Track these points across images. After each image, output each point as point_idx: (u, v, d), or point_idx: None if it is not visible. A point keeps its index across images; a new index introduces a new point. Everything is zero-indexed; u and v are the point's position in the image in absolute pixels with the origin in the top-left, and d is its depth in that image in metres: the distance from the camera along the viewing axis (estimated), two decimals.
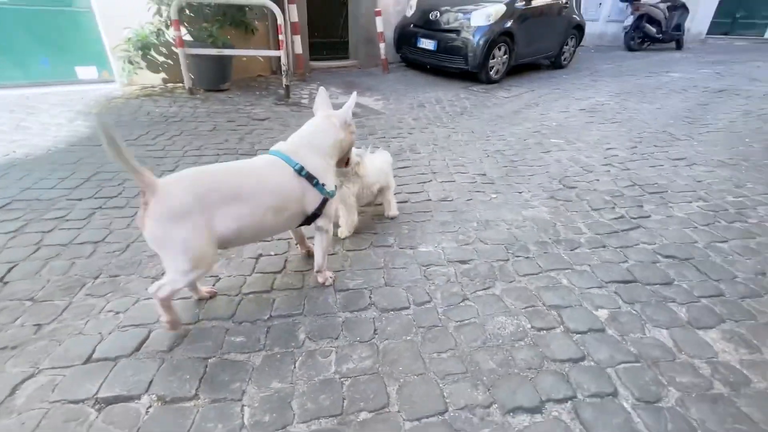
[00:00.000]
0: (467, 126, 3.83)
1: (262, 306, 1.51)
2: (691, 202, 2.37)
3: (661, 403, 1.15)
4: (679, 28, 9.49)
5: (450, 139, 3.48)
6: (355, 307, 1.52)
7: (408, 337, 1.38)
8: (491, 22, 5.23)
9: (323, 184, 1.41)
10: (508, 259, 1.83)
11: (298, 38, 5.05)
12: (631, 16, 9.13)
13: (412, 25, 5.88)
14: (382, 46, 5.94)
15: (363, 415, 1.10)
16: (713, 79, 6.04)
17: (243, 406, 1.12)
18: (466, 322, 1.46)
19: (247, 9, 4.64)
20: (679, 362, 1.29)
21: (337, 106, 1.52)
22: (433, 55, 5.75)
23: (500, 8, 5.29)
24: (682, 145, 3.36)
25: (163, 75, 4.53)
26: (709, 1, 10.47)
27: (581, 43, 7.49)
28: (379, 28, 5.82)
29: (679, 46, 9.79)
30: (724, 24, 11.36)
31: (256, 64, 5.28)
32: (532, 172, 2.84)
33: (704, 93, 5.19)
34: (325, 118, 1.48)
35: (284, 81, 4.38)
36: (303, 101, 4.41)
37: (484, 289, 1.64)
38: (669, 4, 9.19)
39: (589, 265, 1.79)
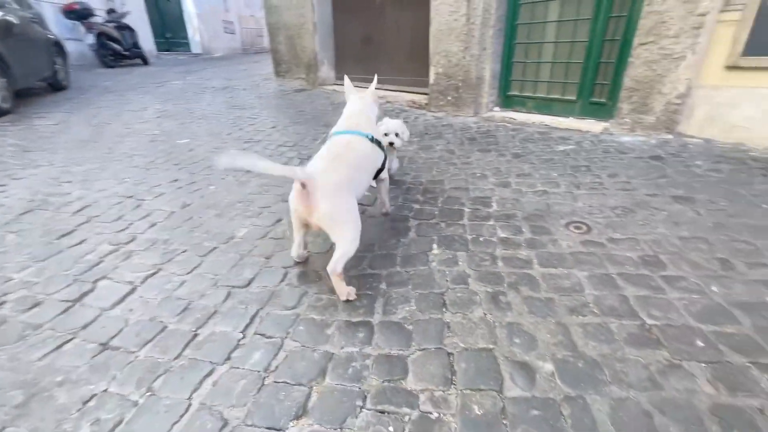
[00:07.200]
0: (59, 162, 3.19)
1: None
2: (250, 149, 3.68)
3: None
4: (137, 45, 10.58)
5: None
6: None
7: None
8: None
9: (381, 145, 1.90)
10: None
11: None
12: (91, 35, 9.16)
13: None
14: None
15: None
16: (209, 81, 7.66)
17: None
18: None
19: None
20: None
21: None
22: None
23: None
24: (256, 122, 4.60)
25: None
26: (144, 24, 12.17)
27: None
28: None
29: (145, 61, 10.95)
30: (163, 43, 13.63)
31: None
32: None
33: (216, 91, 6.65)
34: (360, 99, 1.95)
35: None
36: None
37: None
38: (115, 24, 9.93)
39: None
